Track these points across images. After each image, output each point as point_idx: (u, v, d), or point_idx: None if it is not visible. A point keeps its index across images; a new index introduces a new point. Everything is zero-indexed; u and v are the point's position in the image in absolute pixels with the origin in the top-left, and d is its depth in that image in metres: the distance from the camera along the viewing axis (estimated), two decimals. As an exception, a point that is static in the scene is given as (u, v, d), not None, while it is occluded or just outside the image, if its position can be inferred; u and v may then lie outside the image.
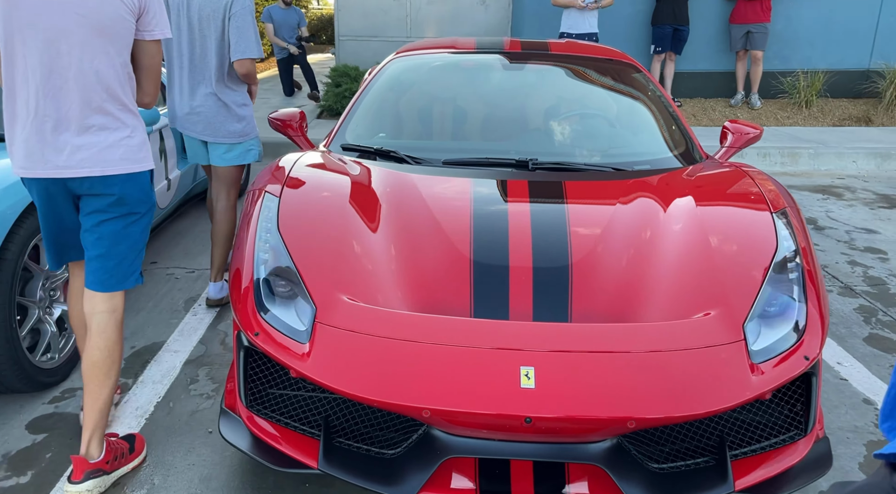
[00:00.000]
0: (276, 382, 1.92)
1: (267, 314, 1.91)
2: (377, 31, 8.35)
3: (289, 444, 1.86)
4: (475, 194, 2.31)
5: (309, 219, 2.15)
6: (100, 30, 1.89)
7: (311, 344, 1.80)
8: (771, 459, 1.82)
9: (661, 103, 3.07)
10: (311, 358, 1.78)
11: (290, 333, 1.85)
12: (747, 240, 2.09)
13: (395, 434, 1.83)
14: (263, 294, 1.95)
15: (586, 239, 2.10)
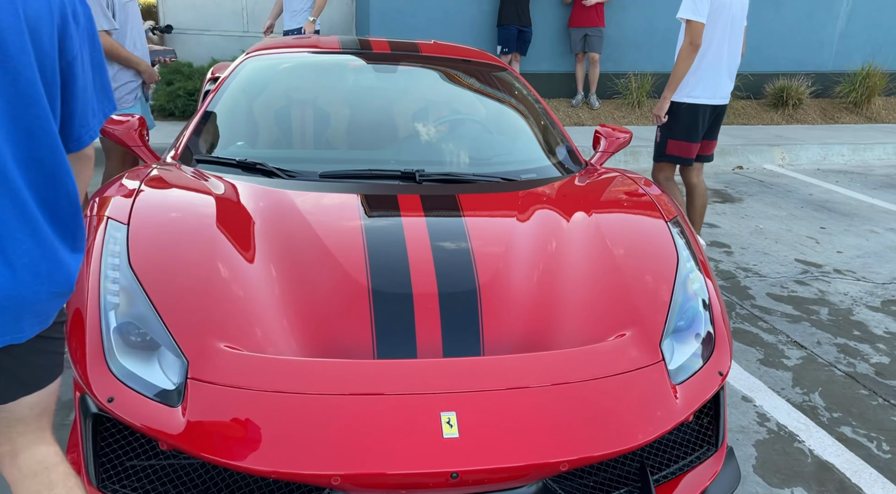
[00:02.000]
0: (137, 452, 1.56)
1: (122, 371, 1.54)
2: (209, 25, 7.69)
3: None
4: (364, 212, 2.06)
5: (168, 249, 1.78)
6: None
7: (185, 407, 1.48)
8: (690, 480, 1.77)
9: (536, 107, 3.01)
10: (186, 425, 1.45)
11: (155, 394, 1.50)
12: (649, 252, 2.06)
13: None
14: (116, 347, 1.58)
15: (491, 256, 1.94)
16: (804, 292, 3.60)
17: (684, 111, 3.63)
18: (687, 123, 3.64)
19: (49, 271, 1.19)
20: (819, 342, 3.05)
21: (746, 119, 8.11)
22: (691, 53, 3.50)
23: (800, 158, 6.79)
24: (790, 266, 3.97)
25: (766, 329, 3.16)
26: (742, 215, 4.96)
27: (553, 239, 2.05)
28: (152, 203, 1.93)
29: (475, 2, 7.68)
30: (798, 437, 2.35)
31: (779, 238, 4.46)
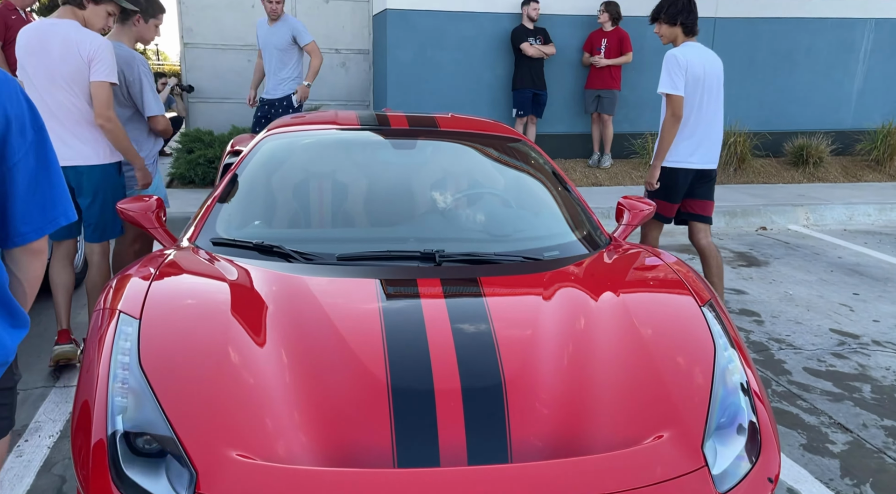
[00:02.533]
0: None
1: (127, 483, 1.44)
2: (230, 93, 7.86)
3: None
4: (383, 298, 1.98)
5: (180, 345, 1.71)
6: None
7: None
8: None
9: (557, 180, 2.95)
10: None
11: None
12: (684, 340, 1.94)
13: None
14: (121, 454, 1.48)
15: (516, 343, 1.83)
16: (843, 366, 3.43)
17: (663, 174, 3.85)
18: (666, 183, 3.85)
19: None
20: (865, 424, 2.87)
21: (767, 178, 8.03)
22: (674, 125, 3.74)
23: (825, 218, 6.66)
24: (825, 337, 3.80)
25: (807, 409, 2.98)
26: (770, 280, 4.82)
27: (581, 317, 1.95)
28: (166, 295, 1.86)
29: (490, 66, 7.79)
30: (852, 537, 2.17)
31: (811, 305, 4.30)
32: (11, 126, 1.26)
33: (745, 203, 6.76)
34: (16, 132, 1.27)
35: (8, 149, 1.27)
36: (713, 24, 8.09)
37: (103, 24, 3.10)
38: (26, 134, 1.30)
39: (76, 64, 2.89)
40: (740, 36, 8.16)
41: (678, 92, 3.72)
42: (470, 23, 7.49)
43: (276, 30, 5.59)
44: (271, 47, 5.62)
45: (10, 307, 1.31)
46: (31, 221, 1.33)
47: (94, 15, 3.01)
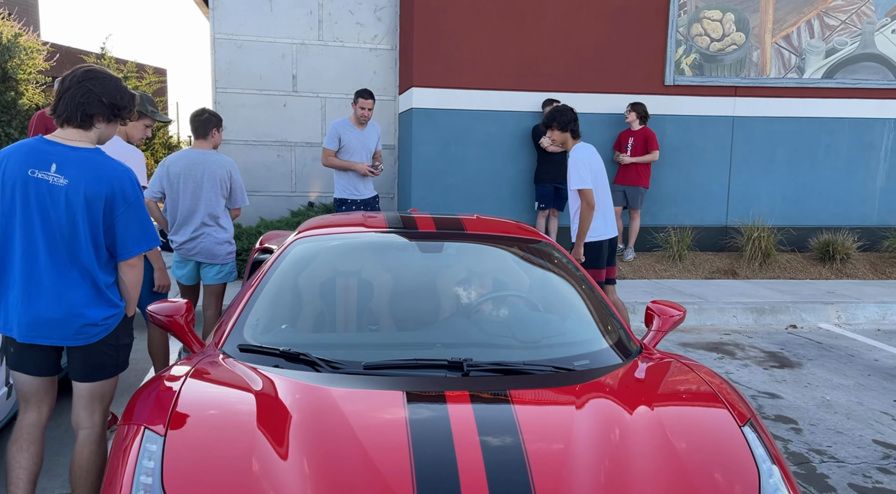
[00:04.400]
0: None
1: None
2: (259, 187, 8.09)
3: None
4: (411, 414, 1.92)
5: (204, 468, 1.66)
6: None
7: None
8: None
9: (580, 280, 2.93)
10: None
11: None
12: (725, 463, 1.85)
13: None
14: None
15: (548, 462, 1.76)
16: (891, 483, 3.24)
17: (590, 249, 4.85)
18: (594, 256, 4.86)
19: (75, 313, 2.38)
20: (921, 551, 2.68)
21: (793, 273, 7.94)
22: (590, 212, 4.76)
23: (857, 316, 6.51)
24: (869, 449, 3.61)
25: (856, 533, 2.80)
26: (805, 384, 4.65)
27: (616, 428, 1.88)
28: (191, 409, 1.84)
29: (513, 161, 7.97)
30: None
31: (850, 413, 4.12)
32: (116, 195, 2.36)
33: (772, 299, 6.65)
34: (119, 198, 2.37)
35: (115, 208, 2.37)
36: (731, 122, 8.26)
37: (141, 137, 3.69)
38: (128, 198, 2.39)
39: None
40: (759, 134, 8.30)
41: (589, 185, 4.73)
42: (492, 121, 7.73)
43: (367, 133, 5.98)
44: (363, 150, 5.92)
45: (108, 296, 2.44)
46: (127, 247, 2.41)
47: (134, 129, 3.65)
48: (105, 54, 13.38)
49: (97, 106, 2.33)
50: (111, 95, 2.36)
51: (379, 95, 8.33)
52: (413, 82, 7.68)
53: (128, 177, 2.37)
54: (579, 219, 4.79)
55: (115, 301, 2.43)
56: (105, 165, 2.35)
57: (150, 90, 13.43)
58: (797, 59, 8.23)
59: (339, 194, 6.04)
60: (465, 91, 7.80)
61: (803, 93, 8.28)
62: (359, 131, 5.92)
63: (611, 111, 7.99)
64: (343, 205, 6.03)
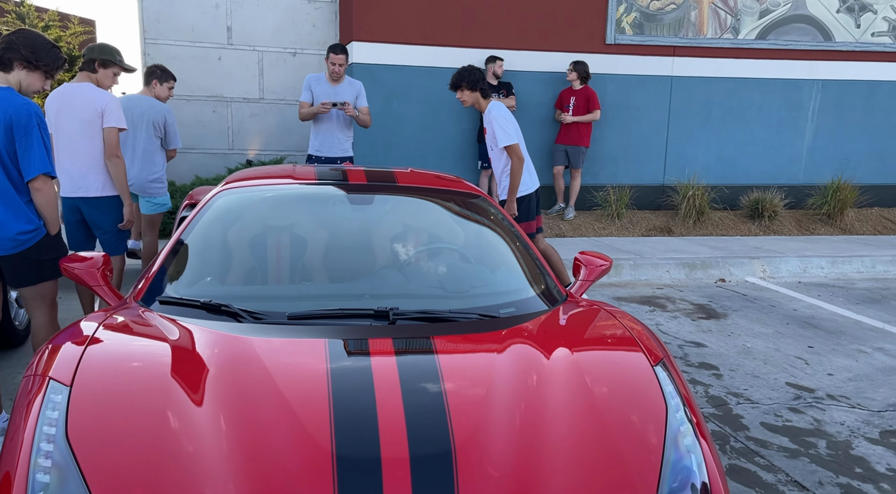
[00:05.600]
0: None
1: None
2: (194, 144, 7.83)
3: None
4: (331, 360, 1.93)
5: (111, 413, 1.63)
6: None
7: None
8: None
9: (512, 234, 2.97)
10: None
11: None
12: (635, 401, 1.92)
13: None
14: None
15: (468, 407, 1.79)
16: (799, 421, 3.45)
17: (520, 202, 4.93)
18: (527, 208, 4.97)
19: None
20: (821, 481, 2.87)
21: (724, 230, 8.22)
22: (521, 166, 4.79)
23: (780, 270, 6.82)
24: (782, 391, 3.83)
25: (764, 466, 2.98)
26: (728, 333, 4.87)
27: (533, 373, 1.92)
28: (101, 360, 1.79)
29: (456, 120, 7.93)
30: None
31: (767, 359, 4.35)
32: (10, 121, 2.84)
33: (704, 255, 6.89)
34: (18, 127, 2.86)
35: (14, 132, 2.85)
36: (670, 82, 8.39)
37: (111, 84, 4.15)
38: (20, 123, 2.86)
39: (92, 116, 3.85)
40: (696, 93, 8.47)
41: (515, 140, 4.73)
42: (435, 78, 7.65)
43: (342, 90, 5.72)
44: (334, 110, 5.69)
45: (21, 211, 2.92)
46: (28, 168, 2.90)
47: (103, 77, 4.07)
48: (24, 1, 12.59)
49: (15, 52, 2.91)
50: (30, 47, 2.95)
51: (318, 49, 8.12)
52: (353, 37, 7.50)
53: (26, 109, 2.86)
54: (510, 174, 4.83)
55: (31, 218, 2.93)
56: (10, 99, 2.87)
57: (77, 41, 12.75)
58: (733, 20, 8.38)
59: (310, 150, 5.92)
60: (407, 46, 7.67)
61: (738, 53, 8.46)
62: (331, 87, 5.74)
63: (553, 70, 8.01)
64: (311, 162, 5.91)
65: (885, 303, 5.85)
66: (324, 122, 5.77)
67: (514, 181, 4.82)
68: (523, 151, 4.87)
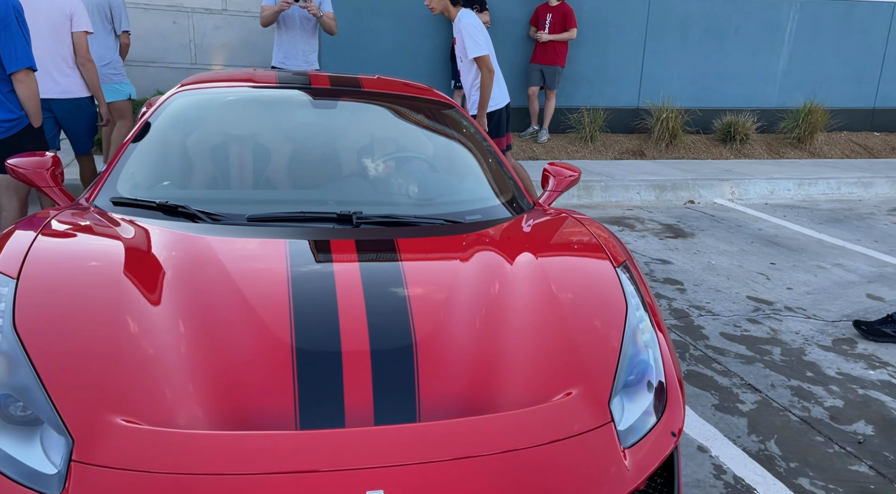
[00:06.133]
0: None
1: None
2: (155, 57, 7.49)
3: None
4: (292, 259, 1.90)
5: (61, 307, 1.59)
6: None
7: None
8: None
9: (482, 145, 2.92)
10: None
11: (31, 481, 1.31)
12: (597, 300, 1.95)
13: None
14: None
15: (430, 305, 1.80)
16: (757, 331, 3.55)
17: (493, 117, 4.85)
18: (498, 122, 4.87)
19: None
20: (773, 384, 2.99)
21: (696, 153, 8.23)
22: (491, 78, 4.61)
23: (748, 192, 6.89)
24: (742, 304, 3.93)
25: (721, 372, 3.08)
26: (694, 251, 4.95)
27: (496, 281, 1.92)
28: (49, 253, 1.74)
29: (428, 36, 7.67)
30: (756, 491, 2.25)
31: (731, 274, 4.44)
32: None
33: (674, 177, 6.91)
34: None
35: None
36: (648, 1, 8.18)
37: None
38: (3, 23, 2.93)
39: (60, 19, 3.86)
40: (674, 13, 8.28)
41: (486, 51, 4.52)
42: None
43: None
44: (298, 17, 5.39)
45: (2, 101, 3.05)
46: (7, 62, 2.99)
47: None
48: None
49: None
50: None
51: (283, -43, 7.69)
52: (320, -56, 7.10)
53: (4, 4, 2.93)
54: (480, 87, 4.67)
55: (13, 108, 3.08)
56: None
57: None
58: (715, -65, 8.11)
59: (274, 62, 5.66)
60: (377, -44, 7.32)
61: (719, -29, 8.23)
62: None
63: (529, -15, 7.73)
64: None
65: (847, 223, 5.98)
66: (287, 31, 5.51)
67: (483, 95, 4.67)
68: (494, 63, 4.71)
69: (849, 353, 3.34)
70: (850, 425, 2.69)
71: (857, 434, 2.62)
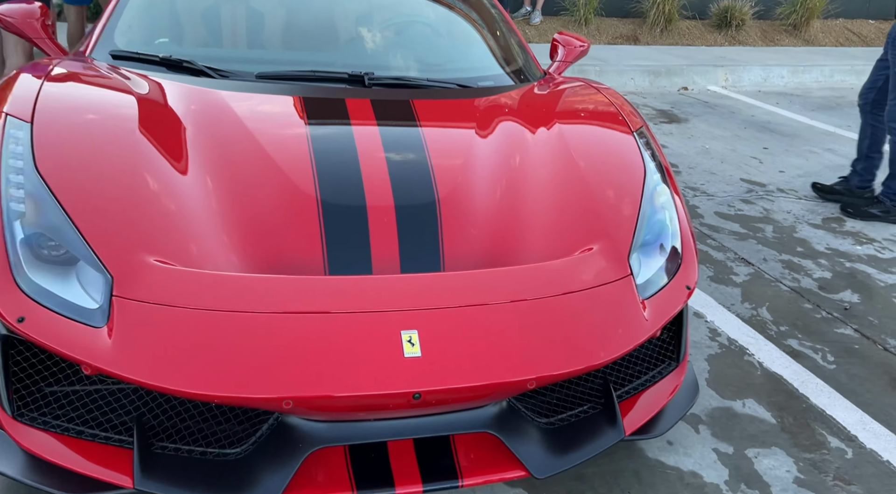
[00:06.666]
0: (56, 377, 1.39)
1: (34, 288, 1.35)
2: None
3: (86, 459, 1.37)
4: (310, 115, 1.86)
5: (82, 154, 1.56)
6: None
7: (111, 327, 1.31)
8: (651, 394, 1.74)
9: (493, 13, 2.80)
10: (113, 347, 1.29)
11: (75, 314, 1.33)
12: (616, 165, 1.95)
13: (236, 427, 1.44)
14: (25, 261, 1.38)
15: (451, 169, 1.80)
16: (750, 210, 3.63)
17: None
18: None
19: None
20: (765, 258, 3.09)
21: (691, 40, 8.03)
22: None
23: (742, 79, 6.80)
24: (736, 186, 3.98)
25: (715, 247, 3.17)
26: (689, 136, 4.94)
27: (517, 153, 1.92)
28: (62, 100, 1.68)
29: None
30: (748, 350, 2.38)
31: (724, 158, 4.47)
32: None
33: (669, 63, 6.77)
34: None
35: None
36: None
37: None
38: None
39: None
40: None
41: None
42: None
43: None
44: None
45: None
46: None
47: None
48: None
49: None
50: None
51: None
52: None
53: None
54: None
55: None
56: None
57: None
58: None
59: None
60: None
61: None
62: None
63: None
64: None
65: (838, 110, 5.98)
66: None
67: None
68: None
69: (837, 230, 3.44)
70: (836, 294, 2.82)
71: (843, 302, 2.76)
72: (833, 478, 1.82)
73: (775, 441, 1.93)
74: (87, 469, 1.35)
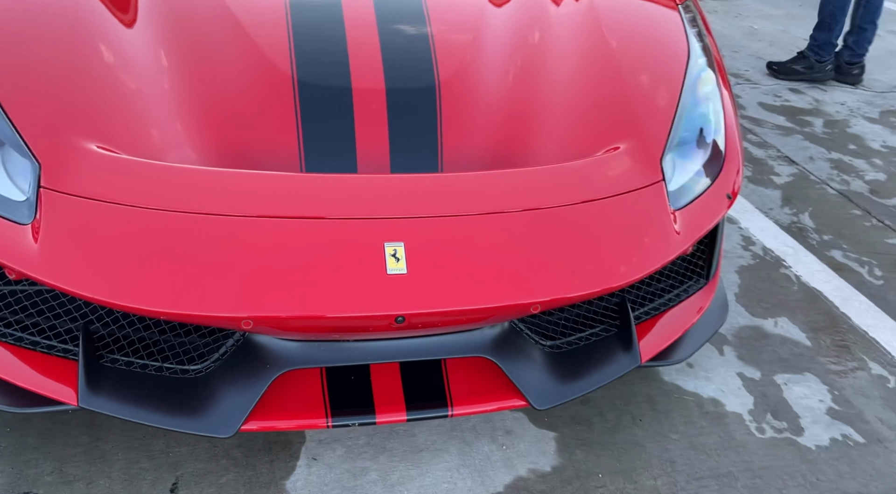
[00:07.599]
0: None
1: None
2: None
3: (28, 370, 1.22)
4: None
5: (16, 20, 1.31)
6: None
7: (38, 224, 1.11)
8: (674, 316, 1.53)
9: None
10: (40, 249, 1.10)
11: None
12: (654, 44, 1.64)
13: (197, 341, 1.27)
14: None
15: (457, 45, 1.51)
16: (798, 101, 3.25)
17: None
18: None
19: None
20: (812, 157, 2.77)
21: None
22: None
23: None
24: (785, 72, 3.58)
25: (756, 143, 2.85)
26: (735, 14, 4.43)
27: (536, 28, 1.60)
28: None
29: None
30: (784, 262, 2.14)
31: (774, 41, 4.00)
32: None
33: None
34: None
35: None
36: None
37: None
38: None
39: None
40: None
41: None
42: None
43: None
44: None
45: None
46: None
47: None
48: None
49: None
50: None
51: None
52: None
53: None
54: None
55: None
56: None
57: None
58: None
59: None
60: None
61: None
62: None
63: None
64: None
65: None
66: None
67: None
68: None
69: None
70: (890, 199, 2.53)
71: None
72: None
73: (809, 367, 1.74)
74: (26, 382, 1.20)
